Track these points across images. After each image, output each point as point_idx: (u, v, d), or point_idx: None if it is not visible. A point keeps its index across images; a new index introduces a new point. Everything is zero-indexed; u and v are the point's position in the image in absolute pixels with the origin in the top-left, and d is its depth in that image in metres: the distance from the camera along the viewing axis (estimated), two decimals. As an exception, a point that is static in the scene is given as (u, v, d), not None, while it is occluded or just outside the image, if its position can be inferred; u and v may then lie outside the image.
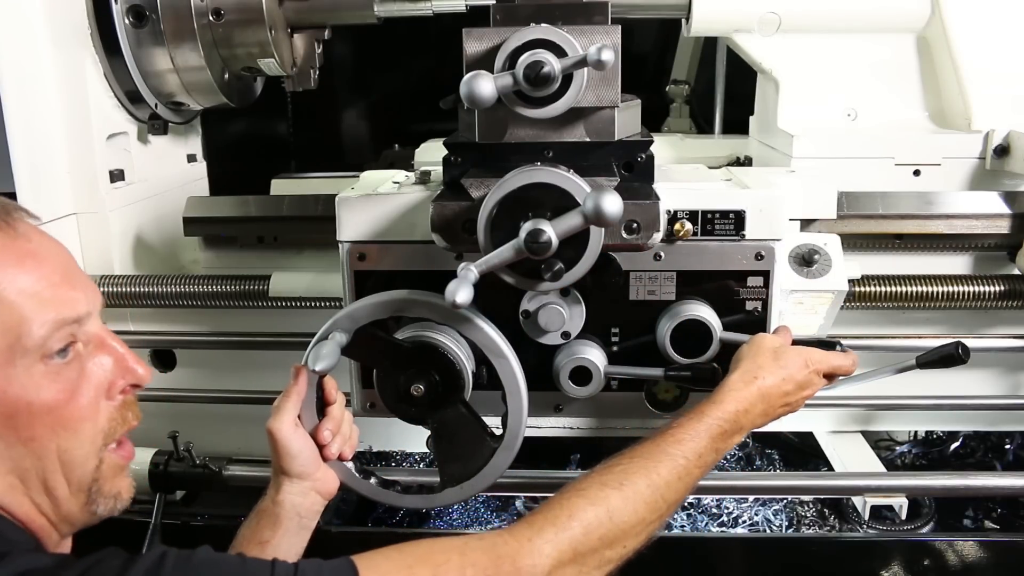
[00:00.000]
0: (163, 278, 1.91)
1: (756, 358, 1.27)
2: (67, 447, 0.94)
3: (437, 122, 2.45)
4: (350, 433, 1.34)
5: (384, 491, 1.36)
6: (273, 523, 1.23)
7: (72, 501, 0.97)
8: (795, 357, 1.27)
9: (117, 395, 0.99)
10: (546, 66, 1.16)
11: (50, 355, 0.91)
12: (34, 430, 0.91)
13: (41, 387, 0.90)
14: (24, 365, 0.89)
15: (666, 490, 1.12)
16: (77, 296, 0.94)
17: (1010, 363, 1.88)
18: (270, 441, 1.25)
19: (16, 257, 0.90)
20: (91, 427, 0.96)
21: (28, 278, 0.90)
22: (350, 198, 1.41)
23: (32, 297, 0.89)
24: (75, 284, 0.95)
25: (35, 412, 0.90)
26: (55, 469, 0.94)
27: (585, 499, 1.08)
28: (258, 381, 1.92)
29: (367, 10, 1.98)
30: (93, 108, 1.89)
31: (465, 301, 1.11)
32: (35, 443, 0.91)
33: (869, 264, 1.77)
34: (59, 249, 0.97)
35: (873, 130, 1.97)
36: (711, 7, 1.95)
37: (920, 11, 1.93)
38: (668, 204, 1.34)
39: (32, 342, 0.89)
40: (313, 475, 1.27)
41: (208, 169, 2.40)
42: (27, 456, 0.92)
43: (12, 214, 0.94)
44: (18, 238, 0.92)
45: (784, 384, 1.25)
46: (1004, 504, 1.91)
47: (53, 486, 0.94)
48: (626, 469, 1.12)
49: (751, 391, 1.23)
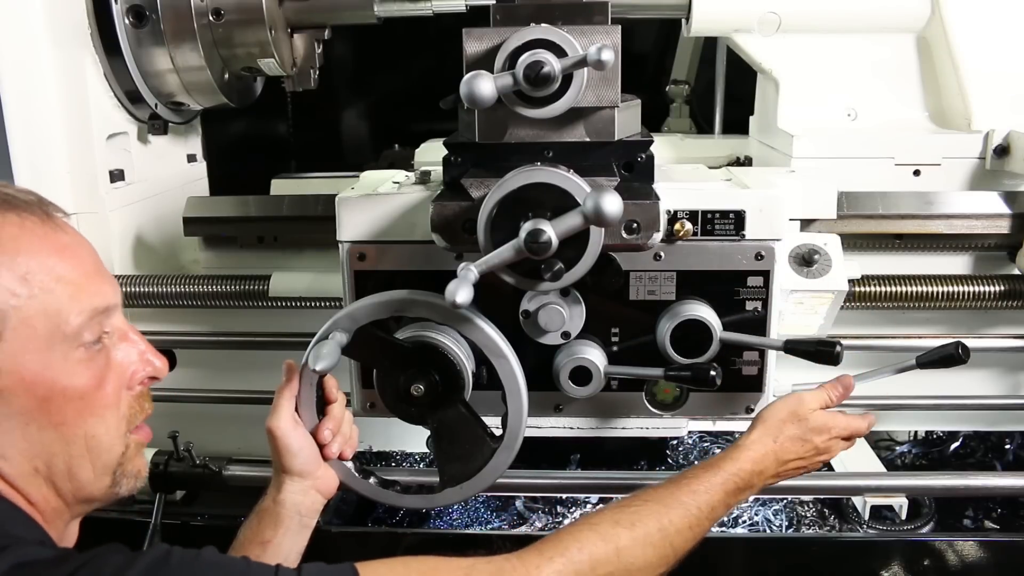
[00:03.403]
0: (163, 278, 1.90)
1: (782, 420, 1.28)
2: (93, 433, 0.97)
3: (437, 122, 2.45)
4: (350, 433, 1.34)
5: (384, 491, 1.36)
6: (274, 523, 1.23)
7: (95, 484, 1.00)
8: (819, 424, 1.28)
9: (136, 385, 1.03)
10: (546, 66, 1.16)
11: (84, 344, 0.95)
12: (65, 415, 0.94)
13: (75, 373, 0.94)
14: (62, 351, 0.93)
15: (676, 537, 1.13)
16: (106, 289, 0.99)
17: (1010, 363, 1.88)
18: (270, 440, 1.25)
19: (56, 248, 0.94)
20: (114, 414, 1.00)
21: (66, 267, 0.94)
22: (350, 198, 1.41)
23: (70, 285, 0.93)
24: (104, 277, 1.00)
25: (69, 397, 0.94)
26: (82, 454, 0.97)
27: (596, 534, 1.09)
28: (258, 381, 1.92)
29: (367, 10, 1.98)
30: (93, 108, 1.89)
31: (465, 301, 1.11)
32: (65, 427, 0.95)
33: (869, 264, 1.76)
34: (88, 243, 1.01)
35: (873, 130, 1.97)
36: (711, 7, 1.94)
37: (920, 11, 1.93)
38: (668, 204, 1.35)
39: (70, 329, 0.93)
40: (314, 473, 1.27)
41: (208, 169, 2.40)
42: (56, 441, 0.95)
43: (48, 207, 0.98)
44: (57, 230, 0.96)
45: (802, 450, 1.28)
46: (1004, 504, 1.91)
47: (77, 470, 0.97)
48: (639, 511, 1.14)
49: (768, 453, 1.25)
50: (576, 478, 1.84)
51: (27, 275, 0.90)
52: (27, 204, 0.95)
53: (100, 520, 1.85)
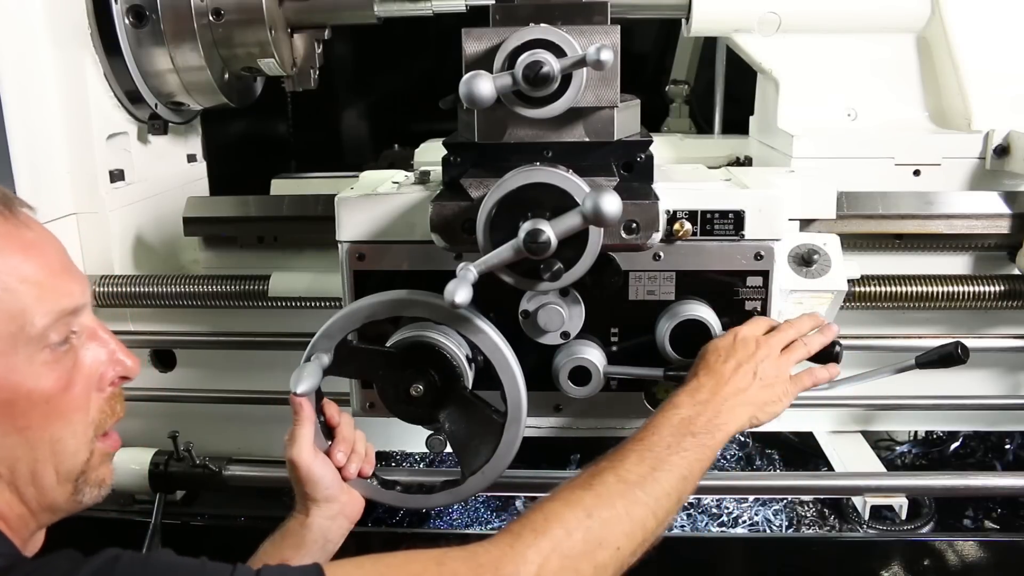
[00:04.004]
0: (163, 278, 1.90)
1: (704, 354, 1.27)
2: (59, 437, 0.94)
3: (437, 122, 2.45)
4: (364, 452, 1.33)
5: (411, 496, 1.35)
6: (297, 544, 1.22)
7: (58, 490, 0.96)
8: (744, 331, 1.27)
9: (107, 387, 0.99)
10: (545, 66, 1.16)
11: (50, 345, 0.91)
12: (30, 419, 0.91)
13: (40, 376, 0.90)
14: (26, 354, 0.89)
15: (641, 483, 1.08)
16: (74, 288, 0.95)
17: (1010, 363, 1.88)
18: (292, 472, 1.24)
19: (20, 246, 0.90)
20: (82, 418, 0.96)
21: (31, 267, 0.90)
22: (350, 198, 1.41)
23: (35, 286, 0.89)
24: (72, 275, 0.96)
25: (33, 401, 0.90)
26: (46, 459, 0.93)
27: (559, 502, 1.06)
28: (258, 381, 1.92)
29: (367, 10, 1.98)
30: (93, 108, 1.89)
31: (464, 301, 1.11)
32: (29, 432, 0.91)
33: (869, 264, 1.76)
34: (55, 240, 0.97)
35: (873, 130, 1.97)
36: (711, 7, 1.94)
37: (920, 11, 1.92)
38: (667, 204, 1.34)
39: (35, 331, 0.89)
40: (339, 498, 1.26)
41: (208, 169, 2.40)
42: (20, 445, 0.91)
43: (13, 203, 0.94)
44: (20, 227, 0.92)
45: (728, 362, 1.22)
46: (1004, 504, 1.91)
47: (41, 476, 0.94)
48: (593, 471, 1.11)
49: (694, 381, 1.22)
50: (576, 478, 1.84)
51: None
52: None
53: (100, 520, 1.87)
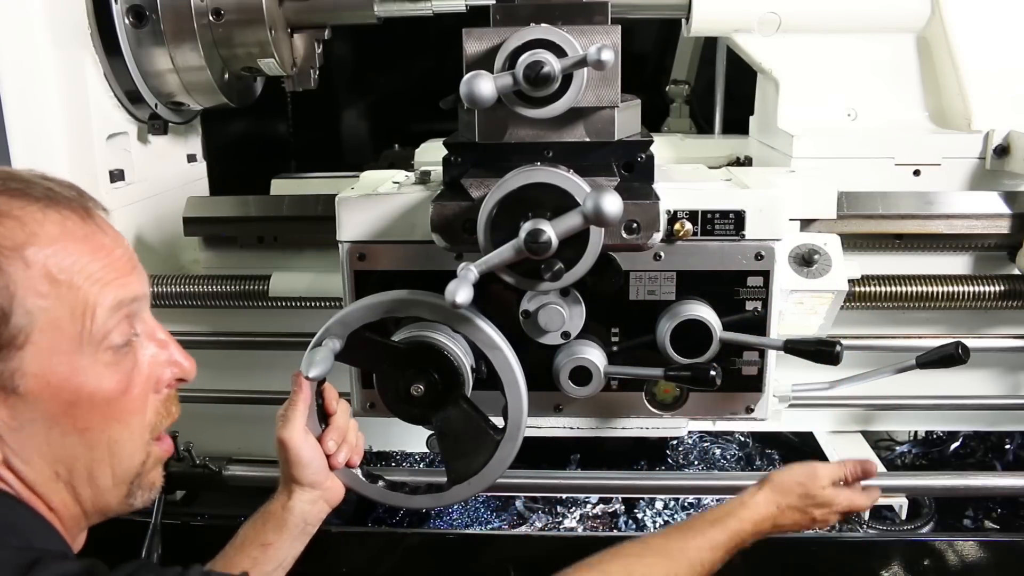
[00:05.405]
0: (163, 278, 1.90)
1: (790, 490, 1.31)
2: (117, 439, 0.94)
3: (437, 122, 2.45)
4: (356, 441, 1.33)
5: (393, 493, 1.36)
6: (278, 527, 1.24)
7: (113, 492, 0.97)
8: (824, 499, 1.31)
9: (164, 388, 1.00)
10: (546, 66, 1.16)
11: (112, 346, 0.91)
12: (91, 420, 0.91)
13: (103, 377, 0.91)
14: (90, 354, 0.89)
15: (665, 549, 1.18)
16: (132, 281, 0.95)
17: (1010, 363, 1.88)
18: (280, 451, 1.25)
19: (93, 248, 0.91)
20: (140, 420, 0.96)
21: (98, 266, 0.91)
22: (350, 198, 1.41)
23: (97, 283, 0.90)
24: (134, 272, 0.96)
25: (95, 402, 0.91)
26: (103, 460, 0.94)
27: None
28: (258, 381, 1.92)
29: (367, 10, 1.98)
30: (93, 108, 1.89)
31: (465, 301, 1.11)
32: (89, 433, 0.92)
33: (869, 264, 1.76)
34: (124, 241, 0.98)
35: (873, 130, 1.97)
36: (711, 7, 1.94)
37: (920, 11, 1.93)
38: (668, 204, 1.34)
39: (98, 329, 0.89)
40: (323, 484, 1.27)
41: (208, 169, 2.40)
42: (79, 446, 0.92)
43: (88, 203, 0.96)
44: (97, 232, 0.93)
45: (800, 519, 1.32)
46: (1004, 504, 1.91)
47: (98, 477, 0.94)
48: (652, 566, 1.17)
49: (769, 517, 1.29)
50: (576, 478, 1.84)
51: (59, 275, 0.87)
52: (68, 201, 0.93)
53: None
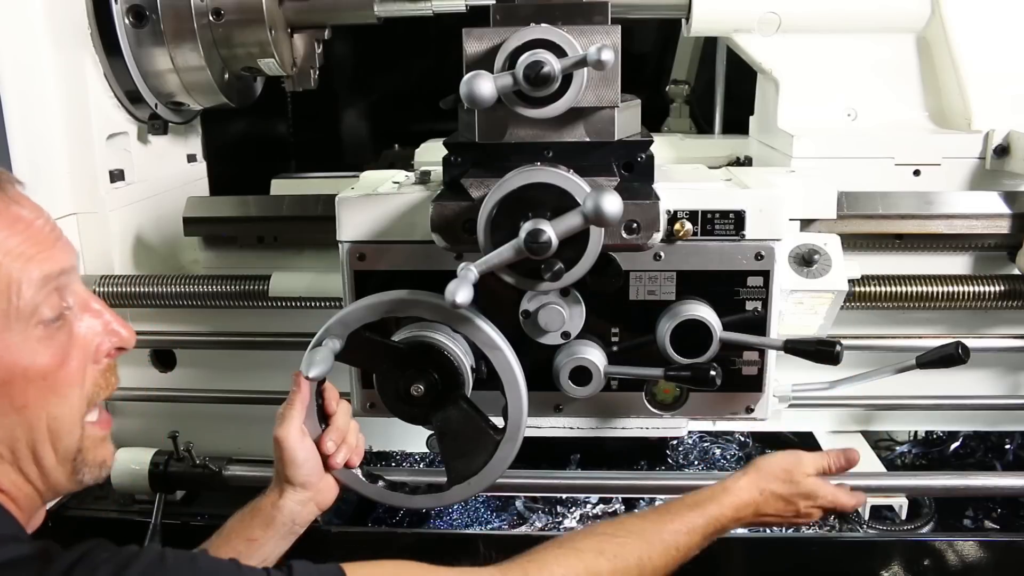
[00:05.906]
0: (163, 278, 1.90)
1: (774, 475, 1.31)
2: (56, 414, 0.93)
3: (437, 122, 2.45)
4: (356, 443, 1.34)
5: (393, 493, 1.36)
6: (266, 523, 1.24)
7: (59, 470, 0.95)
8: (808, 489, 1.31)
9: (103, 359, 0.98)
10: (546, 66, 1.16)
11: (44, 321, 0.90)
12: (28, 397, 0.90)
13: (36, 352, 0.89)
14: (19, 329, 0.88)
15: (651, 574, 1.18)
16: (58, 255, 0.93)
17: (1010, 363, 1.88)
18: (276, 449, 1.25)
19: (7, 222, 0.89)
20: (78, 392, 0.95)
21: (16, 240, 0.89)
22: (350, 198, 1.41)
23: (19, 258, 0.88)
24: (58, 245, 0.94)
25: (30, 378, 0.89)
26: (44, 438, 0.93)
27: (581, 561, 1.11)
28: (258, 381, 1.92)
29: (367, 10, 1.98)
30: (93, 108, 1.89)
31: (465, 301, 1.11)
32: (27, 410, 0.90)
33: (869, 264, 1.76)
34: (44, 213, 0.96)
35: (873, 130, 1.97)
36: (711, 7, 1.94)
37: (920, 11, 1.93)
38: (668, 204, 1.34)
39: (25, 304, 0.88)
40: (316, 485, 1.27)
41: (208, 169, 2.40)
42: (19, 425, 0.90)
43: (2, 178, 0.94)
44: (11, 203, 0.92)
45: (783, 508, 1.31)
46: (1004, 504, 1.90)
47: (42, 455, 0.93)
48: (623, 544, 1.16)
49: (750, 503, 1.28)
50: (576, 478, 1.84)
51: None
52: None
53: (101, 520, 1.87)
